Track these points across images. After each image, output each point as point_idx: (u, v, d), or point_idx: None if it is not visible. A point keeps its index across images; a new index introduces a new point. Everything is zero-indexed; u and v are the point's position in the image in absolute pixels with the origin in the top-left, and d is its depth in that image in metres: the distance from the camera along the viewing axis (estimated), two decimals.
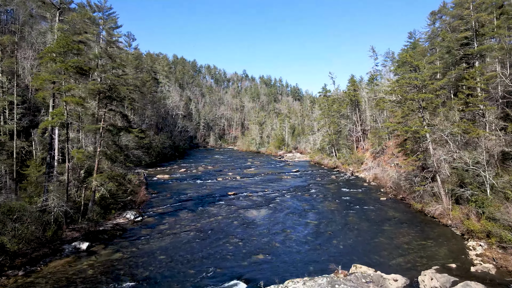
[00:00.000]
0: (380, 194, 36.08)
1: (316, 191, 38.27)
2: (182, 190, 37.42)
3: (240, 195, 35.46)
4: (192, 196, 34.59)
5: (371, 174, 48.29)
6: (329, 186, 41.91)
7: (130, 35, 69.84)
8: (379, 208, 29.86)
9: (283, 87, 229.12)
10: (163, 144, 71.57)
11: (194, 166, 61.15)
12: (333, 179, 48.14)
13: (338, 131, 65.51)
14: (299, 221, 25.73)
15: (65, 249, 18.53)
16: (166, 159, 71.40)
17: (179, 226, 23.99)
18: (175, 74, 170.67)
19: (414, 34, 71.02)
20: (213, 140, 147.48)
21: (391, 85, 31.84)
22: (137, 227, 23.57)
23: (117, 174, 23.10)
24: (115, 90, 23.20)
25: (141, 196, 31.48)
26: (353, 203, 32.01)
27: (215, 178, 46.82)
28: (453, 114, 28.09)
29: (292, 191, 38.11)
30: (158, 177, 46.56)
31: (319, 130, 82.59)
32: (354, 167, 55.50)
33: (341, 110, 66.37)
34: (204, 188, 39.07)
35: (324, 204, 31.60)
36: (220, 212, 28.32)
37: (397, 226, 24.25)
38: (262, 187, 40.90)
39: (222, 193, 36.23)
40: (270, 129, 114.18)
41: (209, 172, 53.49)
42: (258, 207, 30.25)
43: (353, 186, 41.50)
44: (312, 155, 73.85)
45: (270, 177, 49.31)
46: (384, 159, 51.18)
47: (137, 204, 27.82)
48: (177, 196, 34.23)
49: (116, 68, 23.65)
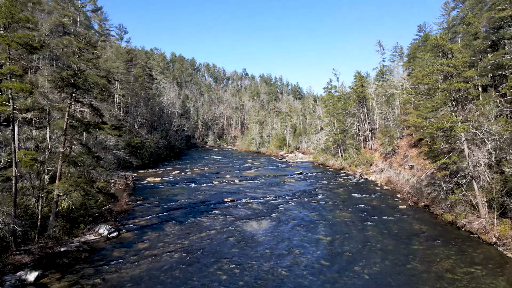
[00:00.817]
0: (397, 201, 31.64)
1: (324, 197, 33.83)
2: (173, 196, 32.97)
3: (238, 202, 31.02)
4: (183, 203, 30.13)
5: (383, 177, 43.84)
6: (337, 191, 37.47)
7: (121, 28, 65.50)
8: (400, 218, 25.42)
9: (284, 86, 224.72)
10: (157, 144, 67.14)
11: (189, 168, 56.70)
12: (341, 182, 43.69)
13: (343, 130, 61.09)
14: (308, 237, 21.28)
15: (6, 282, 14.09)
16: (161, 160, 66.98)
17: (162, 244, 19.53)
18: (173, 72, 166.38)
19: (424, 27, 66.68)
20: (212, 140, 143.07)
21: (417, 74, 26.94)
22: (110, 245, 19.11)
23: (85, 181, 18.64)
24: (82, 76, 18.69)
25: (122, 204, 27.02)
26: (369, 212, 27.56)
27: (211, 182, 42.36)
28: (490, 108, 23.61)
29: (297, 197, 33.67)
30: (148, 180, 42.11)
31: (323, 129, 78.20)
32: (362, 169, 51.05)
33: (347, 108, 61.94)
34: (197, 194, 34.63)
35: (335, 214, 27.14)
36: (214, 224, 23.88)
37: (429, 244, 19.80)
38: (263, 192, 36.47)
39: (217, 200, 31.78)
40: (271, 128, 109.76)
41: (205, 175, 49.03)
42: (259, 217, 25.81)
43: (365, 191, 37.07)
44: (316, 156, 69.40)
45: (271, 180, 44.87)
46: (397, 160, 46.74)
47: (115, 214, 23.36)
48: (166, 203, 29.78)
49: (83, 49, 19.14)
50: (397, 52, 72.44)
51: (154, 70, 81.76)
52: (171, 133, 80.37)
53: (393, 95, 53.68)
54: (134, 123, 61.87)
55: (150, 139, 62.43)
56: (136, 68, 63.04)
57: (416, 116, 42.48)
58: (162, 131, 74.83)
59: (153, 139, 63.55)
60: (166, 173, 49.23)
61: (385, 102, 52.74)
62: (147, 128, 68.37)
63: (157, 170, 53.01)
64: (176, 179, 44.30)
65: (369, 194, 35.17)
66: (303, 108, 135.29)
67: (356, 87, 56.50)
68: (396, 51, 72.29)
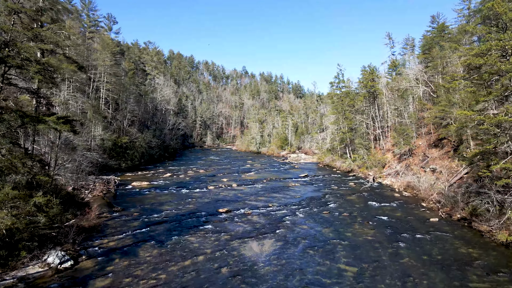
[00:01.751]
0: (425, 212, 26.52)
1: (337, 206, 28.72)
2: (158, 205, 27.84)
3: (235, 213, 25.90)
4: (169, 215, 25.01)
5: (401, 181, 38.72)
6: (350, 198, 32.36)
7: (110, 18, 60.39)
8: (437, 237, 20.30)
9: (284, 84, 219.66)
10: (149, 144, 62.02)
11: (183, 170, 51.56)
12: (352, 187, 38.58)
13: (351, 128, 55.99)
14: (326, 266, 16.16)
15: None
16: (153, 161, 61.87)
17: (130, 280, 14.42)
18: (170, 70, 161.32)
19: (438, 18, 61.59)
20: (210, 139, 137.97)
21: (468, 53, 21.67)
22: (57, 283, 13.99)
23: (17, 195, 13.49)
24: (15, 48, 13.54)
25: (92, 217, 21.89)
26: (396, 227, 22.46)
27: (205, 187, 37.22)
28: None
29: (304, 206, 28.55)
30: (133, 185, 36.97)
31: (328, 128, 73.13)
32: (374, 171, 45.94)
33: (355, 104, 56.82)
34: (188, 202, 29.49)
35: (355, 230, 22.01)
36: (204, 246, 18.76)
37: (490, 278, 14.70)
38: (265, 199, 31.35)
39: (211, 210, 26.66)
40: (272, 127, 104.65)
41: (199, 178, 43.89)
42: (260, 235, 20.69)
43: (383, 198, 31.96)
44: (321, 157, 64.29)
45: (274, 185, 39.75)
46: (415, 162, 41.62)
47: (73, 235, 18.16)
48: (148, 215, 24.65)
49: (19, 12, 13.99)
50: (408, 45, 67.45)
51: (147, 65, 76.59)
52: (165, 132, 75.24)
53: (407, 90, 48.55)
54: (124, 120, 56.76)
55: (141, 138, 57.27)
56: (126, 62, 57.89)
57: (438, 111, 37.49)
58: (155, 129, 69.68)
59: (144, 138, 58.39)
60: (156, 176, 44.09)
61: (399, 97, 47.61)
62: (138, 127, 63.25)
63: (147, 172, 47.89)
64: (166, 183, 39.16)
65: (388, 203, 30.04)
66: (305, 106, 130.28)
67: (366, 81, 51.33)
68: (407, 44, 67.30)
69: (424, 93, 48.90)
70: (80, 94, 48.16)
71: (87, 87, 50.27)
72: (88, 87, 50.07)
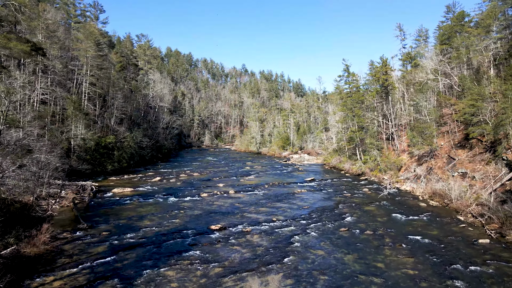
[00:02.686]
0: (468, 229, 21.34)
1: (355, 220, 23.57)
2: (137, 220, 22.66)
3: (230, 232, 20.73)
4: (147, 234, 19.83)
5: (424, 187, 33.57)
6: (369, 209, 27.20)
7: (96, 6, 55.08)
8: (500, 269, 15.15)
9: (285, 83, 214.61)
10: (139, 144, 56.84)
11: (175, 173, 46.38)
12: (368, 194, 33.45)
13: (361, 127, 50.83)
14: None
15: None
16: (144, 163, 56.70)
17: None
18: (167, 67, 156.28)
19: (454, 8, 56.43)
20: (209, 139, 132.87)
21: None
22: None
23: None
24: None
25: (41, 241, 16.68)
26: (440, 253, 17.26)
27: (198, 194, 32.02)
28: None
29: (316, 220, 23.39)
30: (114, 192, 31.79)
31: (333, 127, 67.96)
32: (390, 175, 40.80)
33: (366, 100, 51.63)
34: (174, 215, 24.30)
35: (388, 258, 16.81)
36: (186, 285, 13.59)
37: None
38: (267, 210, 26.18)
39: (201, 227, 21.49)
40: (272, 126, 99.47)
41: (192, 183, 38.71)
42: (263, 266, 15.52)
43: (408, 209, 26.82)
44: (327, 158, 59.14)
45: (277, 191, 34.60)
46: (438, 165, 36.44)
47: (8, 268, 12.96)
48: (120, 235, 19.47)
49: None
50: (422, 36, 62.26)
51: (140, 59, 71.39)
52: (159, 131, 70.00)
53: (425, 83, 43.34)
54: (111, 118, 51.52)
55: (130, 138, 52.04)
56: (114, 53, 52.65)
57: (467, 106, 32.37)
58: (147, 128, 64.45)
59: (133, 137, 53.17)
60: (143, 181, 38.91)
61: (418, 92, 42.41)
62: (128, 125, 58.01)
63: (135, 176, 42.68)
64: (154, 189, 33.98)
65: (416, 215, 24.88)
66: (307, 105, 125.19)
67: (379, 75, 46.12)
68: (421, 35, 62.08)
69: (444, 86, 43.77)
70: (61, 89, 43.00)
71: (70, 81, 45.06)
72: (71, 81, 44.85)
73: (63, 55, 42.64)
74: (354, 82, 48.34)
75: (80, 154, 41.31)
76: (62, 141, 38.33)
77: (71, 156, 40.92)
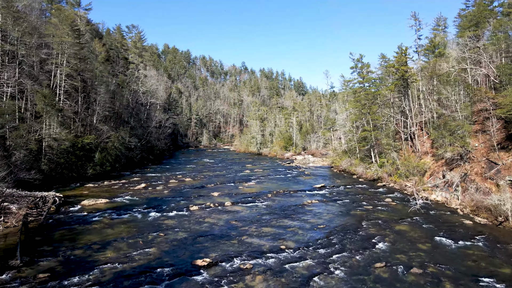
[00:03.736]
0: None
1: (390, 248, 17.68)
2: (97, 251, 16.76)
3: (223, 270, 14.82)
4: (102, 277, 13.92)
5: (462, 199, 27.69)
6: (402, 229, 21.33)
7: None
8: None
9: (286, 81, 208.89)
10: (127, 145, 50.98)
11: (164, 178, 40.53)
12: (392, 206, 27.60)
13: (375, 126, 44.96)
14: None
15: None
16: (133, 165, 50.94)
17: None
18: (164, 64, 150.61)
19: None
20: (207, 138, 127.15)
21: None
22: None
23: None
24: None
25: None
26: None
27: (186, 207, 26.11)
28: None
29: (338, 249, 17.50)
30: (84, 205, 25.90)
31: (341, 126, 62.10)
32: (414, 182, 34.94)
33: (379, 96, 45.69)
34: (150, 241, 18.41)
35: None
36: None
37: None
38: (273, 233, 20.29)
39: (182, 263, 15.58)
40: (274, 125, 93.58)
41: (181, 191, 32.83)
42: None
43: (452, 230, 20.96)
44: (336, 160, 53.25)
45: (282, 202, 28.71)
46: (475, 170, 30.51)
47: None
48: (64, 279, 13.57)
49: None
50: (440, 26, 56.34)
51: (130, 52, 65.47)
52: (150, 131, 64.08)
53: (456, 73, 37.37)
54: (93, 116, 45.61)
55: (114, 138, 46.11)
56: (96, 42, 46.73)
57: None
58: (135, 127, 58.53)
59: (118, 137, 47.25)
60: (125, 189, 33.07)
61: (444, 84, 36.48)
62: (115, 124, 52.11)
63: (117, 182, 36.84)
64: (134, 200, 28.12)
65: (468, 240, 19.00)
66: (310, 102, 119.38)
67: (398, 65, 40.18)
68: (439, 24, 56.16)
69: (474, 78, 37.89)
70: (31, 81, 37.12)
71: (42, 73, 39.14)
72: (43, 72, 38.93)
73: (34, 42, 36.73)
74: (368, 74, 42.38)
75: (51, 157, 35.44)
76: (28, 141, 32.45)
77: (41, 159, 35.14)
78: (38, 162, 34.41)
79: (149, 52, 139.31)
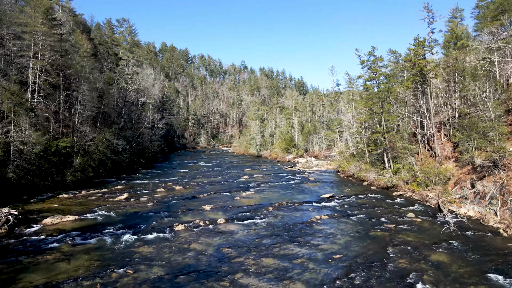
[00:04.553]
0: None
1: None
2: None
3: None
4: None
5: (501, 215, 23.09)
6: (441, 260, 16.72)
7: None
8: None
9: (286, 80, 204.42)
10: (114, 148, 46.42)
11: (152, 186, 35.96)
12: (418, 224, 23.02)
13: (389, 127, 40.36)
14: None
15: None
16: (120, 170, 46.36)
17: None
18: (161, 62, 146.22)
19: None
20: (205, 139, 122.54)
21: None
22: None
23: None
24: None
25: None
26: None
27: (169, 227, 21.48)
28: None
29: None
30: (46, 224, 21.33)
31: (347, 127, 57.60)
32: (437, 191, 30.31)
33: (393, 93, 41.10)
34: (113, 283, 13.81)
35: None
36: None
37: None
38: (275, 267, 15.66)
39: None
40: (274, 126, 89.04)
41: (168, 203, 28.22)
42: None
43: (504, 260, 16.38)
44: (343, 164, 48.63)
45: (286, 219, 24.10)
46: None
47: None
48: None
49: None
50: (456, 18, 51.73)
51: (120, 47, 60.92)
52: (141, 132, 59.50)
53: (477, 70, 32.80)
54: (75, 116, 41.00)
55: (98, 140, 41.52)
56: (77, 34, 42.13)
57: None
58: (125, 128, 53.96)
59: (103, 139, 42.65)
60: (103, 200, 28.50)
61: (470, 80, 31.90)
62: (100, 125, 47.50)
63: (98, 190, 32.29)
64: (110, 216, 23.54)
65: None
66: (311, 102, 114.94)
67: (416, 59, 35.57)
68: (455, 16, 51.56)
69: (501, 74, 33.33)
70: None
71: (10, 67, 34.60)
72: (11, 67, 34.37)
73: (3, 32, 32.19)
74: (384, 69, 37.82)
75: (20, 164, 30.84)
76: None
77: (9, 166, 30.56)
78: (4, 169, 29.88)
79: (146, 50, 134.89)
